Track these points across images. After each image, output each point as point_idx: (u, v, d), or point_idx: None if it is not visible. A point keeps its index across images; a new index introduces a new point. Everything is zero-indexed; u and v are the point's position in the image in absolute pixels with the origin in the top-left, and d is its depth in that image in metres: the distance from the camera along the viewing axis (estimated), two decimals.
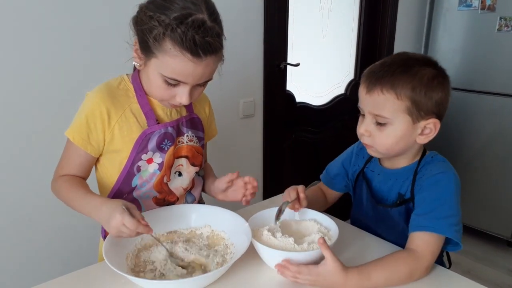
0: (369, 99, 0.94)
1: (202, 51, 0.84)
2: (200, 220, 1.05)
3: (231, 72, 1.87)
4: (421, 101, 0.90)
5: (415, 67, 0.92)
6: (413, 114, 0.91)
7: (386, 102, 0.91)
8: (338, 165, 1.21)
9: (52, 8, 1.35)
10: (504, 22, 2.34)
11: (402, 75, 0.90)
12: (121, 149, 0.99)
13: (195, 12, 0.83)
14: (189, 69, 0.86)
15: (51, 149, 1.27)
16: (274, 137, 2.21)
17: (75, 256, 1.56)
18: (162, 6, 0.83)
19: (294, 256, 0.87)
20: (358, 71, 2.63)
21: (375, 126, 0.95)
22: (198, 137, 1.10)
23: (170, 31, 0.82)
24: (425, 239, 0.89)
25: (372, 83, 0.92)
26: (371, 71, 0.95)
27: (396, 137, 0.94)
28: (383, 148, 0.97)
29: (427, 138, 0.95)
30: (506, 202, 2.49)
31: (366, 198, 1.09)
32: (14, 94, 1.35)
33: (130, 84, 1.01)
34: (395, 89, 0.90)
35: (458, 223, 0.91)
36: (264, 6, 1.94)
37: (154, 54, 0.86)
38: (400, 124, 0.92)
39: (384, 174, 1.06)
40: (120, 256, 0.89)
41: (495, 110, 2.46)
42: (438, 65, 0.96)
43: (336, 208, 1.27)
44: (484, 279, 2.26)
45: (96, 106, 0.95)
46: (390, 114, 0.92)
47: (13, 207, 1.42)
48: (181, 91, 0.91)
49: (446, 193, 0.93)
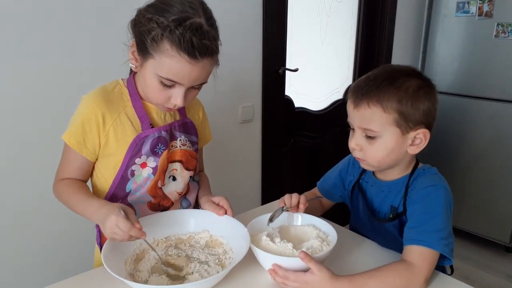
0: (356, 113, 0.94)
1: (199, 53, 0.85)
2: (199, 225, 1.05)
3: (230, 77, 1.88)
4: (408, 112, 0.90)
5: (400, 79, 0.92)
6: (401, 126, 0.92)
7: (373, 116, 0.91)
8: (335, 174, 1.20)
9: (51, 12, 1.36)
10: (502, 28, 2.35)
11: (387, 88, 0.91)
12: (116, 153, 0.99)
13: (193, 15, 0.85)
14: (185, 70, 0.88)
15: (47, 155, 1.27)
16: (272, 142, 2.21)
17: (72, 262, 1.55)
18: (161, 9, 0.86)
19: (284, 261, 0.87)
20: (356, 76, 2.64)
21: (365, 140, 0.95)
22: (191, 142, 1.10)
23: (169, 32, 0.84)
24: (421, 252, 0.88)
25: (359, 98, 0.93)
26: (357, 86, 0.95)
27: (387, 149, 0.94)
28: (374, 161, 0.97)
29: (418, 148, 0.95)
30: (504, 207, 2.49)
31: (363, 210, 1.09)
32: (13, 98, 1.35)
33: (125, 88, 1.02)
34: (381, 103, 0.90)
35: (447, 237, 0.90)
36: (263, 11, 1.95)
37: (151, 55, 0.88)
38: (389, 136, 0.93)
39: (377, 186, 1.06)
40: (118, 261, 0.89)
41: (493, 115, 2.47)
42: (423, 75, 0.96)
43: (335, 213, 1.27)
44: (483, 284, 2.26)
45: (91, 110, 0.96)
46: (378, 127, 0.92)
47: (10, 212, 1.42)
48: (176, 92, 0.92)
49: (436, 206, 0.92)
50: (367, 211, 1.07)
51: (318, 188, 1.25)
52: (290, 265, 0.86)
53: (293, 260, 0.86)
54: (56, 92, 1.42)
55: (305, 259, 0.83)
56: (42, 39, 1.36)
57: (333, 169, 1.23)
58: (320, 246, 0.94)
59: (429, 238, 0.88)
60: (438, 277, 0.93)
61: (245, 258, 0.87)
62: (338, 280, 0.83)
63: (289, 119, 2.32)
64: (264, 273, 0.92)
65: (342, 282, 0.83)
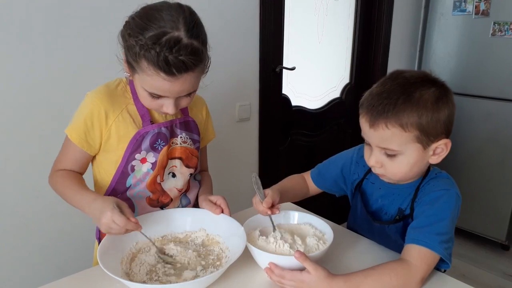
0: (373, 133, 0.89)
1: (176, 70, 0.85)
2: (195, 224, 1.05)
3: (227, 75, 1.87)
4: (429, 127, 0.86)
5: (416, 92, 0.86)
6: (423, 141, 0.88)
7: (393, 137, 0.87)
8: (336, 170, 1.16)
9: (53, 12, 1.35)
10: (498, 27, 2.36)
11: (405, 106, 0.85)
12: (117, 148, 1.01)
13: (170, 30, 0.83)
14: (165, 87, 0.88)
15: (47, 153, 1.27)
16: (270, 140, 2.21)
17: (70, 260, 1.55)
18: (139, 26, 0.85)
19: (280, 259, 0.87)
20: (353, 75, 2.65)
21: (385, 157, 0.92)
22: (193, 140, 1.11)
23: (145, 51, 0.83)
24: (421, 252, 0.87)
25: (374, 117, 0.87)
26: (371, 105, 0.89)
27: (409, 165, 0.91)
28: (397, 177, 0.94)
29: (440, 157, 0.92)
30: (500, 205, 2.51)
31: (361, 211, 1.08)
32: (13, 98, 1.35)
33: (127, 86, 1.04)
34: (400, 122, 0.85)
35: (448, 241, 0.89)
36: (260, 10, 1.95)
37: (135, 70, 0.89)
38: (411, 152, 0.89)
39: (386, 189, 1.03)
40: (114, 260, 0.89)
41: (490, 114, 2.48)
42: (438, 80, 0.91)
43: (331, 211, 1.27)
44: (479, 282, 2.27)
45: (95, 106, 0.98)
46: (398, 146, 0.88)
47: (8, 211, 1.42)
48: (166, 103, 0.93)
49: (445, 210, 0.91)
50: (365, 213, 1.06)
51: (312, 177, 1.20)
52: (287, 263, 0.86)
53: (289, 259, 0.86)
54: (55, 90, 1.42)
55: (300, 258, 0.83)
56: (42, 38, 1.35)
57: (332, 161, 1.19)
58: (316, 245, 0.94)
59: (432, 240, 0.87)
60: (435, 275, 0.94)
61: (241, 257, 0.87)
62: (334, 279, 0.83)
63: (286, 117, 2.32)
64: (260, 272, 0.92)
65: (338, 281, 0.83)
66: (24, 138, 1.40)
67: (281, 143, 2.34)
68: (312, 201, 1.25)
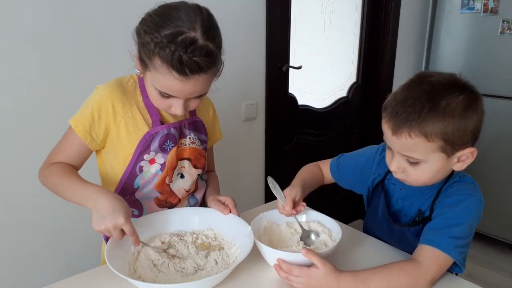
0: (396, 141, 0.86)
1: (189, 70, 0.84)
2: (203, 223, 1.05)
3: (233, 74, 1.87)
4: (455, 137, 0.83)
5: (443, 100, 0.82)
6: (447, 151, 0.85)
7: (416, 146, 0.84)
8: (356, 168, 1.13)
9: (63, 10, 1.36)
10: (507, 25, 2.33)
11: (430, 115, 0.81)
12: (126, 145, 1.00)
13: (187, 30, 0.83)
14: (176, 86, 0.88)
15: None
16: (276, 140, 2.21)
17: (78, 259, 1.56)
18: (157, 23, 0.84)
19: (289, 255, 0.87)
20: (360, 73, 2.63)
21: (408, 164, 0.89)
22: (201, 140, 1.11)
23: (160, 48, 0.83)
24: (434, 254, 0.86)
25: (397, 125, 0.84)
26: (394, 111, 0.85)
27: (432, 173, 0.89)
28: (419, 183, 0.92)
29: (465, 164, 0.89)
30: (508, 205, 2.48)
31: (382, 212, 1.05)
32: (17, 96, 1.35)
33: (138, 83, 1.03)
34: (424, 132, 0.82)
35: (464, 246, 0.88)
36: (266, 9, 1.94)
37: (148, 68, 0.89)
38: (434, 161, 0.87)
39: (406, 190, 1.01)
40: (122, 259, 0.89)
41: (498, 113, 2.46)
42: (467, 85, 0.86)
43: (338, 211, 1.27)
44: (487, 282, 2.25)
45: (104, 98, 0.97)
46: (421, 155, 0.86)
47: (16, 209, 1.43)
48: (175, 103, 0.93)
49: (465, 215, 0.89)
50: (387, 216, 1.04)
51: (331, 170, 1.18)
52: (295, 260, 0.86)
53: (298, 255, 0.86)
54: (58, 91, 1.42)
55: (308, 254, 0.83)
56: (48, 38, 1.36)
57: (354, 159, 1.15)
58: (325, 243, 0.95)
59: (447, 242, 0.86)
60: (443, 275, 0.93)
61: (249, 256, 0.87)
62: (341, 274, 0.83)
63: (293, 116, 2.32)
64: (268, 271, 0.92)
65: (346, 276, 0.83)
66: (32, 136, 1.40)
67: (287, 142, 2.34)
68: (319, 200, 1.25)
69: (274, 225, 1.05)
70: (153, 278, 0.87)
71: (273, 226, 1.04)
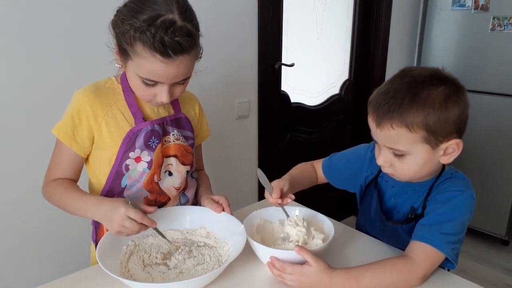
0: (380, 133, 0.88)
1: (172, 51, 0.85)
2: (195, 222, 1.05)
3: (225, 72, 1.87)
4: (437, 127, 0.84)
5: (423, 91, 0.83)
6: (431, 142, 0.86)
7: (399, 137, 0.85)
8: (347, 166, 1.14)
9: (45, 10, 1.34)
10: (497, 21, 2.35)
11: (411, 106, 0.83)
12: (110, 146, 0.99)
13: (164, 12, 0.84)
14: (161, 70, 0.88)
15: (42, 151, 1.26)
16: (269, 137, 2.21)
17: (68, 259, 1.54)
18: (133, 10, 0.85)
19: (282, 253, 0.87)
20: (352, 71, 2.64)
21: (394, 157, 0.90)
22: (186, 137, 1.10)
23: (140, 33, 0.83)
24: (425, 250, 0.86)
25: (380, 117, 0.86)
26: (377, 104, 0.87)
27: (418, 165, 0.89)
28: (406, 177, 0.93)
29: (452, 157, 0.90)
30: (500, 201, 2.51)
31: (375, 210, 1.06)
32: (7, 96, 1.34)
33: (117, 84, 1.03)
34: (405, 122, 0.83)
35: (456, 242, 0.88)
36: (258, 6, 1.94)
37: (130, 57, 0.89)
38: (419, 153, 0.87)
39: (399, 187, 1.02)
40: (113, 259, 0.88)
41: (489, 109, 2.48)
42: (449, 78, 0.87)
43: (331, 208, 1.27)
44: (479, 278, 2.27)
45: (81, 103, 0.97)
46: (405, 147, 0.86)
47: (5, 210, 1.41)
48: (160, 90, 0.93)
49: (457, 212, 0.90)
50: (380, 213, 1.04)
51: (323, 169, 1.18)
52: (288, 257, 0.86)
53: (291, 252, 0.86)
54: (51, 90, 1.41)
55: (300, 251, 0.83)
56: (37, 38, 1.34)
57: (345, 158, 1.16)
58: (317, 241, 0.95)
59: (438, 238, 0.86)
60: (435, 271, 0.93)
61: (242, 254, 0.87)
62: (334, 271, 0.83)
63: (286, 114, 2.32)
64: (261, 269, 0.92)
65: (338, 273, 0.83)
66: (22, 136, 1.39)
67: (280, 140, 2.34)
68: (312, 198, 1.25)
69: (267, 223, 1.04)
70: (146, 278, 0.86)
71: (266, 224, 1.04)
